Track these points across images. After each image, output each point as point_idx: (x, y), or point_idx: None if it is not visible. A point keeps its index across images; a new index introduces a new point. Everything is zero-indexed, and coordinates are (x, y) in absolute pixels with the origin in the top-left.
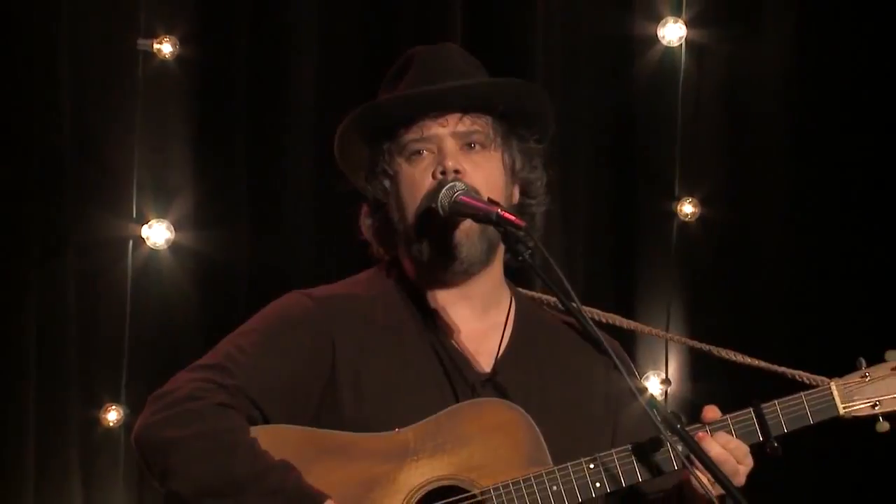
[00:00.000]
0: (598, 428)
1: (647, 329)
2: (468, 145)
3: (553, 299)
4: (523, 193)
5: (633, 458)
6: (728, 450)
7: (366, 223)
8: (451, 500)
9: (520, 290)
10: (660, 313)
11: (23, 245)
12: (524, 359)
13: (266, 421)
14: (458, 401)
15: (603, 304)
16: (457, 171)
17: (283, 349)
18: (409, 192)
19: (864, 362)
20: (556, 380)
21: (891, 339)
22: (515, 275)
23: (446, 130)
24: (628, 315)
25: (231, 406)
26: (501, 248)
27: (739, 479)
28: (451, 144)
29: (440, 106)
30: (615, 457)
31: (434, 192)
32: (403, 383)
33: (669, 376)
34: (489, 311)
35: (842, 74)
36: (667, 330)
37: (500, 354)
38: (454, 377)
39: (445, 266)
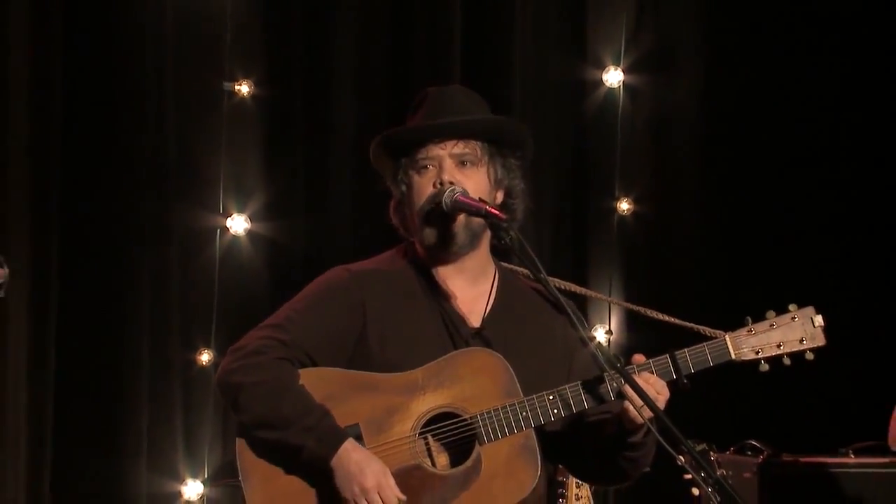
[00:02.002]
0: (557, 368)
1: (595, 294)
2: (461, 163)
3: (526, 271)
4: (507, 196)
5: (581, 391)
6: (649, 384)
7: (393, 213)
8: (449, 422)
9: (502, 263)
10: (604, 282)
11: (139, 233)
12: (504, 317)
13: (314, 364)
14: (455, 349)
15: (563, 275)
16: (451, 182)
17: (326, 311)
18: (417, 195)
19: (750, 320)
20: (527, 332)
21: (770, 302)
22: (500, 254)
23: (445, 152)
24: (581, 283)
25: (287, 359)
26: (486, 235)
27: (659, 405)
28: (448, 163)
29: (441, 135)
30: (568, 390)
31: (435, 196)
32: (415, 336)
33: (612, 328)
34: (478, 281)
35: (736, 108)
36: (609, 295)
37: (486, 314)
38: (452, 331)
39: (445, 249)
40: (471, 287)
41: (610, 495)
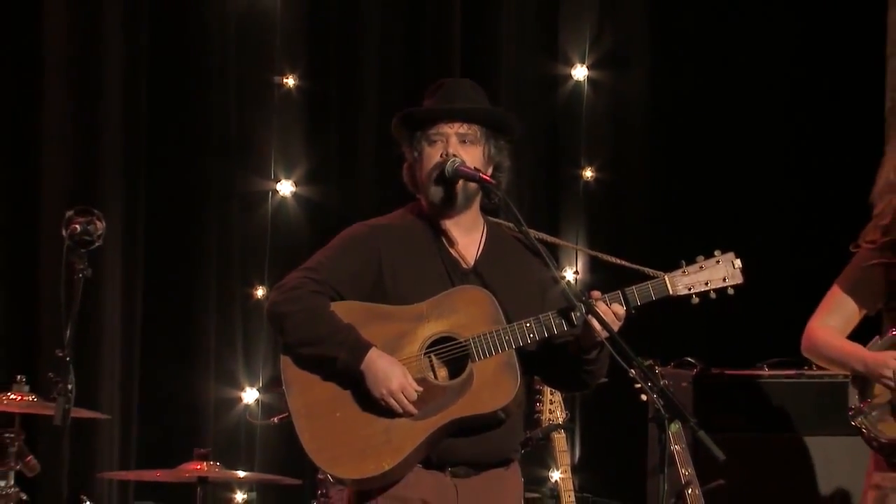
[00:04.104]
0: (533, 302)
1: (564, 242)
2: (463, 141)
3: (510, 224)
4: (496, 170)
5: (552, 318)
6: (604, 312)
7: (406, 173)
8: (447, 344)
9: (490, 218)
10: (572, 233)
11: (208, 193)
12: (492, 259)
13: (342, 298)
14: (453, 286)
15: (539, 227)
16: (454, 155)
17: (350, 256)
18: (426, 161)
19: (684, 263)
20: (510, 271)
21: (701, 249)
22: (490, 212)
23: (452, 131)
24: (554, 234)
25: (320, 292)
26: (478, 197)
27: (614, 328)
28: (453, 139)
29: (451, 117)
30: (541, 318)
31: (440, 164)
32: (421, 275)
33: (578, 269)
34: (471, 232)
35: (677, 96)
36: (576, 243)
37: (477, 257)
38: (450, 271)
39: (447, 206)
40: (465, 236)
41: (577, 400)
